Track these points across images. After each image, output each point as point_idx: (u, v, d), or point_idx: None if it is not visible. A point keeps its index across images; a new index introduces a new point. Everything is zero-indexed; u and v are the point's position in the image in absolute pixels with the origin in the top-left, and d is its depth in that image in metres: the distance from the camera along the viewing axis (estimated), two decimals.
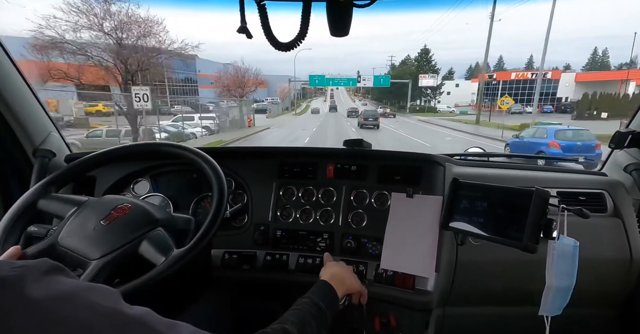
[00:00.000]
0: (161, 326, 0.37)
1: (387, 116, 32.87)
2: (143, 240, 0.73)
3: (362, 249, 1.09)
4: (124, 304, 0.37)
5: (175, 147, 0.91)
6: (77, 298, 0.34)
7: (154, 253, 0.72)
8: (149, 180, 1.24)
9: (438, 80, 46.37)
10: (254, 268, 1.12)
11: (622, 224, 1.09)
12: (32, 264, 0.35)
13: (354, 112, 31.37)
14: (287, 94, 50.24)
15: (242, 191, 1.22)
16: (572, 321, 1.15)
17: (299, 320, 0.62)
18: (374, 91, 68.73)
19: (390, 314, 1.09)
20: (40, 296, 0.32)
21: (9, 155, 1.17)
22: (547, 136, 9.22)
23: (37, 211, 0.82)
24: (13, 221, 0.77)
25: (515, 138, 10.66)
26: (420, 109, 44.04)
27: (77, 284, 0.36)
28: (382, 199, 1.13)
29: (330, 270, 0.87)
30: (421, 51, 49.79)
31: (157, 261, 0.71)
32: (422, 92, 47.60)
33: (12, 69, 1.10)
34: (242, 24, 0.62)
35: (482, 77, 28.76)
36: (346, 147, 1.19)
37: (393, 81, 38.98)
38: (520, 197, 0.79)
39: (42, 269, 0.35)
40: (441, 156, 1.15)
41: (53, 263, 0.37)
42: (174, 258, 0.71)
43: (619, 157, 1.24)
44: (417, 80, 42.63)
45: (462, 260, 1.00)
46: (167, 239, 0.75)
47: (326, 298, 0.73)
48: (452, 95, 51.91)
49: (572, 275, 0.79)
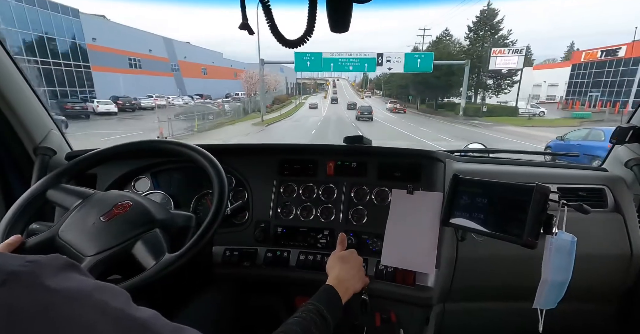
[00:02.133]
0: (167, 331, 0.37)
1: (397, 111, 30.42)
2: (138, 240, 0.72)
3: (363, 246, 1.10)
4: (133, 306, 0.37)
5: (176, 145, 0.91)
6: (88, 297, 0.34)
7: (146, 255, 0.71)
8: (150, 177, 1.24)
9: (519, 63, 25.18)
10: (255, 265, 1.12)
11: (623, 219, 1.09)
12: (45, 259, 0.35)
13: (353, 106, 35.04)
14: (255, 85, 32.53)
15: (243, 188, 1.22)
16: (572, 315, 1.15)
17: (303, 331, 0.62)
18: (389, 85, 54.76)
19: (391, 310, 1.10)
20: (54, 292, 0.32)
21: (10, 153, 1.17)
22: (605, 139, 8.56)
23: (45, 201, 0.82)
24: (23, 208, 0.78)
25: (559, 140, 9.42)
26: (474, 108, 26.35)
27: (88, 283, 0.36)
28: (383, 196, 1.13)
29: (338, 271, 0.85)
30: (482, 14, 28.63)
31: (148, 264, 0.70)
32: (482, 82, 29.05)
33: (12, 66, 1.09)
34: (244, 21, 0.61)
35: (581, 56, 17.00)
36: (346, 144, 1.19)
37: (438, 64, 23.92)
38: (521, 193, 0.79)
39: (56, 265, 0.35)
40: (441, 152, 1.15)
41: (67, 259, 0.37)
42: (163, 264, 0.69)
43: (620, 153, 1.24)
44: (481, 62, 26.67)
45: (462, 256, 1.01)
46: (161, 242, 0.74)
47: (331, 305, 0.73)
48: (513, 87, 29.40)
49: (568, 270, 0.80)
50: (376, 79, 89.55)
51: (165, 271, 0.69)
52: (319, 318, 0.67)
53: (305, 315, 0.66)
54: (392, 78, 50.29)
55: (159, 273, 0.68)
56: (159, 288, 0.77)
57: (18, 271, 0.31)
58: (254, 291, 1.18)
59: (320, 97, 59.19)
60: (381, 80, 71.05)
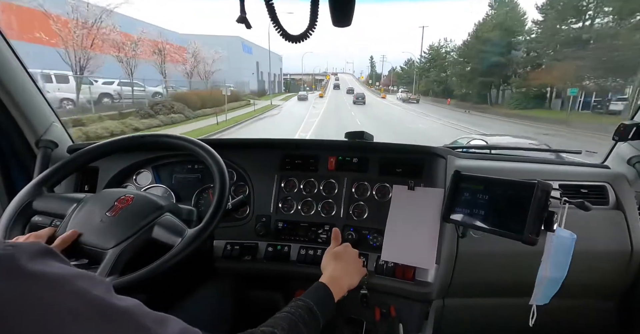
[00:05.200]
0: (149, 320, 0.37)
1: (409, 101, 31.41)
2: (154, 225, 0.74)
3: (363, 241, 1.10)
4: (114, 295, 0.37)
5: (178, 139, 0.91)
6: (67, 284, 0.33)
7: (169, 235, 0.73)
8: (151, 171, 1.24)
9: None
10: (256, 259, 1.13)
11: (624, 216, 1.09)
12: (25, 244, 0.34)
13: (351, 91, 45.45)
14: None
15: (244, 182, 1.22)
16: (571, 312, 1.16)
17: (290, 326, 0.61)
18: (407, 79, 49.83)
19: (391, 304, 1.11)
20: (32, 277, 0.31)
21: (12, 146, 1.17)
22: None
23: (33, 212, 0.80)
24: (11, 223, 0.76)
25: None
26: None
27: (67, 270, 0.35)
28: (384, 192, 1.13)
29: (332, 270, 0.84)
30: None
31: (174, 242, 0.72)
32: None
33: (13, 59, 1.09)
34: (242, 14, 0.61)
35: None
36: (348, 140, 1.19)
37: None
38: (522, 190, 0.79)
39: (36, 251, 0.34)
40: (443, 148, 1.15)
41: (45, 246, 0.37)
42: (191, 237, 0.72)
43: (623, 150, 1.23)
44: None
45: (462, 252, 1.01)
46: (177, 222, 0.77)
47: (322, 303, 0.72)
48: None
49: (565, 266, 0.80)
50: (394, 73, 73.00)
51: (192, 245, 0.72)
52: (308, 315, 0.66)
53: (294, 310, 0.66)
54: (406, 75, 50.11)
55: (188, 247, 0.71)
56: (160, 282, 0.77)
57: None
58: (254, 285, 1.19)
59: (313, 97, 38.41)
60: (410, 71, 52.37)
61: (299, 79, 74.25)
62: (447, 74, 35.75)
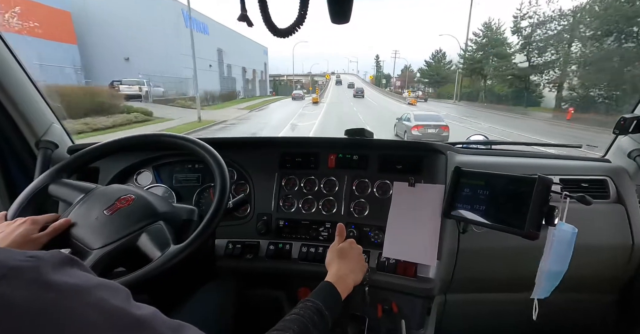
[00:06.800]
0: (166, 328, 0.37)
1: (419, 99, 34.13)
2: (143, 233, 0.73)
3: (365, 238, 1.10)
4: (132, 304, 0.37)
5: (178, 138, 0.91)
6: (87, 294, 0.33)
7: (152, 247, 0.71)
8: (152, 171, 1.24)
9: None
10: (257, 258, 1.13)
11: (625, 210, 1.09)
12: (46, 255, 0.35)
13: (352, 85, 53.23)
14: None
15: (245, 181, 1.22)
16: (572, 305, 1.16)
17: (300, 329, 0.61)
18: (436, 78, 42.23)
19: (393, 301, 1.11)
20: (54, 289, 0.32)
21: (12, 147, 1.17)
22: None
23: (47, 196, 0.83)
24: (25, 202, 0.79)
25: None
26: None
27: (88, 279, 0.36)
28: (384, 189, 1.13)
29: (338, 267, 0.84)
30: None
31: (154, 255, 0.70)
32: None
33: (12, 60, 1.09)
34: (243, 12, 0.60)
35: None
36: (347, 137, 1.19)
37: None
38: (523, 184, 0.79)
39: (58, 261, 0.35)
40: (443, 144, 1.15)
41: (68, 255, 0.37)
42: (170, 254, 0.70)
43: (623, 143, 1.23)
44: None
45: (463, 248, 1.01)
46: (165, 234, 0.74)
47: (330, 303, 0.72)
48: None
49: (566, 260, 0.80)
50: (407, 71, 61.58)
51: (171, 262, 0.69)
52: (317, 316, 0.66)
53: (303, 312, 0.66)
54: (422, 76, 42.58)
55: (165, 264, 0.69)
56: (162, 281, 0.77)
57: (19, 266, 0.31)
58: (256, 283, 1.19)
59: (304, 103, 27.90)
60: (439, 66, 43.20)
61: (297, 81, 66.11)
62: (558, 62, 20.39)
